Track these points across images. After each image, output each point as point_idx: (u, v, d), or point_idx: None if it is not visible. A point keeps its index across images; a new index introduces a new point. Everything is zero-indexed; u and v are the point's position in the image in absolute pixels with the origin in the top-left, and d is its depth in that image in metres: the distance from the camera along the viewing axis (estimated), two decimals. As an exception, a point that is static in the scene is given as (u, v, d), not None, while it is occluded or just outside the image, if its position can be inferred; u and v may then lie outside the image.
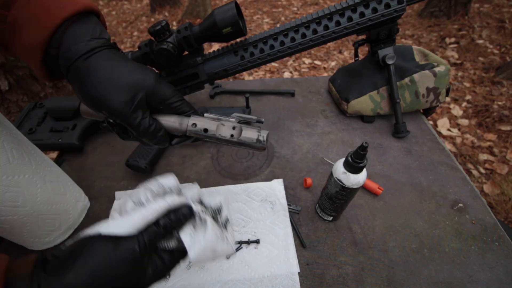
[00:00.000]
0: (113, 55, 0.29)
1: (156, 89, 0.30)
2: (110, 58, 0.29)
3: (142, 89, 0.29)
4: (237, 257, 0.44)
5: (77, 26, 0.28)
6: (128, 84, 0.28)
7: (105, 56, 0.29)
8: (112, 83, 0.28)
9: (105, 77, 0.28)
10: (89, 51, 0.28)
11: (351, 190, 0.40)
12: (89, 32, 0.29)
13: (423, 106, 0.64)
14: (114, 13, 3.69)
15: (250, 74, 2.06)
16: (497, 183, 1.22)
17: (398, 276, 0.42)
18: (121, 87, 0.28)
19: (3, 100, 1.25)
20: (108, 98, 0.28)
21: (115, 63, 0.29)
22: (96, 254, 0.23)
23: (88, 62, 0.28)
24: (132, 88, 0.28)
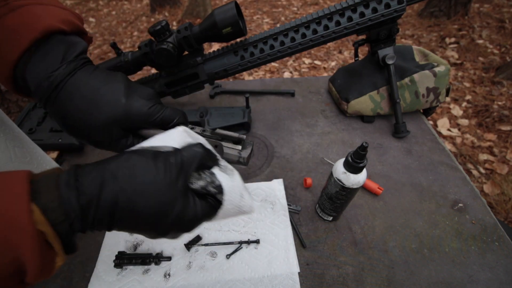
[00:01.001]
0: (77, 87, 0.28)
1: (128, 114, 0.28)
2: (74, 94, 0.27)
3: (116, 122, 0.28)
4: (237, 257, 0.44)
5: (36, 59, 0.27)
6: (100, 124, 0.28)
7: (68, 97, 0.27)
8: (85, 129, 0.28)
9: (76, 124, 0.28)
10: (53, 90, 0.27)
11: (351, 190, 0.40)
12: (49, 64, 0.27)
13: (423, 106, 0.64)
14: (114, 13, 3.69)
15: (250, 74, 2.06)
16: (497, 183, 1.22)
17: (398, 276, 0.42)
18: (95, 129, 0.28)
19: (3, 100, 1.25)
20: (88, 140, 0.29)
21: (83, 98, 0.27)
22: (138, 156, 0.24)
23: (56, 103, 0.28)
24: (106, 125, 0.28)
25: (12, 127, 0.38)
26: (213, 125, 0.61)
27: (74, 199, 0.20)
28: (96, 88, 0.28)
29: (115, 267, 0.42)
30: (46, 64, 0.27)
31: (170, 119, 0.30)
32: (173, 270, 0.42)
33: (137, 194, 0.22)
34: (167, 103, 0.72)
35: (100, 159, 0.24)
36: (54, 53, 0.27)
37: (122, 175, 0.22)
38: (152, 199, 0.23)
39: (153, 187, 0.23)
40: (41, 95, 0.27)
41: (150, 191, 0.23)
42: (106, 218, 0.22)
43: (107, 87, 0.28)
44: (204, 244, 0.45)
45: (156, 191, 0.23)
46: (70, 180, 0.21)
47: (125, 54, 0.55)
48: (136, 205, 0.22)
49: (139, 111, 0.29)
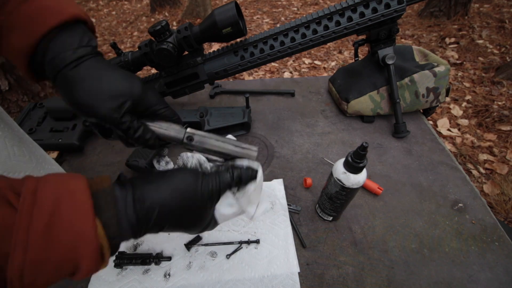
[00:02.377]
0: (100, 64, 0.30)
1: (142, 96, 0.31)
2: (97, 67, 0.29)
3: (130, 97, 0.30)
4: (237, 257, 0.44)
5: (64, 35, 0.29)
6: (117, 92, 0.29)
7: (92, 65, 0.29)
8: (101, 91, 0.29)
9: (93, 86, 0.29)
10: (76, 60, 0.28)
11: (351, 190, 0.40)
12: (76, 41, 0.29)
13: (423, 106, 0.64)
14: (114, 13, 3.69)
15: (250, 74, 2.06)
16: (497, 183, 1.22)
17: (398, 276, 0.42)
18: (110, 95, 0.29)
19: (3, 100, 1.25)
20: (97, 106, 0.29)
21: (103, 72, 0.29)
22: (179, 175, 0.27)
23: (75, 70, 0.28)
24: (120, 95, 0.29)
25: (11, 126, 0.38)
26: (213, 125, 0.61)
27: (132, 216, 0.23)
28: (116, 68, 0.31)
29: (115, 267, 0.42)
30: (74, 40, 0.29)
31: (170, 116, 0.34)
32: (173, 270, 0.42)
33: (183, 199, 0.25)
34: (167, 103, 0.72)
35: (100, 159, 0.25)
36: (81, 35, 0.30)
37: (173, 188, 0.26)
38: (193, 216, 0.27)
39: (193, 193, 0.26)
40: (60, 61, 0.28)
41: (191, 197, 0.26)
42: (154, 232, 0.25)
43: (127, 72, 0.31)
44: (204, 244, 0.45)
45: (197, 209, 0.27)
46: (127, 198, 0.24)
47: (125, 54, 0.55)
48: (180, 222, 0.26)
49: (151, 97, 0.32)
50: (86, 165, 0.59)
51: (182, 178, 0.27)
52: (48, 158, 0.44)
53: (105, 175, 0.25)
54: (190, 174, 0.27)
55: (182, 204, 0.25)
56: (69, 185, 0.21)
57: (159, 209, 0.24)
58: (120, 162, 0.58)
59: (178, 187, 0.26)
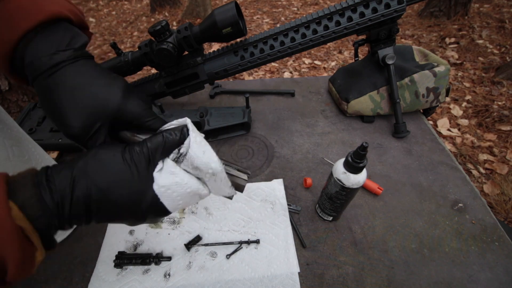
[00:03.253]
0: (77, 72, 0.27)
1: (122, 110, 0.28)
2: (73, 77, 0.27)
3: (101, 116, 0.27)
4: (237, 257, 0.44)
5: (41, 38, 0.26)
6: (87, 109, 0.27)
7: (68, 75, 0.27)
8: (70, 108, 0.26)
9: (64, 101, 0.26)
10: (51, 68, 0.26)
11: (351, 190, 0.40)
12: (54, 45, 0.27)
13: (423, 106, 0.64)
14: (114, 13, 3.69)
15: (250, 74, 2.06)
16: (497, 183, 1.22)
17: (398, 276, 0.42)
18: (79, 113, 0.26)
19: (3, 100, 1.25)
20: (66, 124, 0.27)
21: (78, 84, 0.27)
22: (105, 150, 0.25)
23: (49, 80, 0.26)
24: (91, 114, 0.27)
25: (10, 126, 0.38)
26: (213, 125, 0.61)
27: (48, 197, 0.21)
28: (95, 77, 0.28)
29: (115, 267, 0.42)
30: (51, 43, 0.27)
31: (157, 128, 0.30)
32: (173, 270, 0.42)
33: (108, 186, 0.23)
34: (167, 103, 0.72)
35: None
36: (60, 36, 0.27)
37: (92, 169, 0.23)
38: (123, 188, 0.24)
39: (123, 177, 0.24)
40: (35, 69, 0.26)
41: (120, 182, 0.24)
42: (82, 212, 0.23)
43: (107, 80, 0.28)
44: (204, 244, 0.45)
45: (126, 181, 0.24)
46: (42, 179, 0.22)
47: (125, 54, 0.55)
48: (109, 196, 0.24)
49: (133, 109, 0.29)
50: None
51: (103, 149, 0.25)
52: (48, 158, 0.44)
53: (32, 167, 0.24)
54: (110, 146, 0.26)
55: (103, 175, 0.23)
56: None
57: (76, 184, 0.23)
58: (120, 162, 0.58)
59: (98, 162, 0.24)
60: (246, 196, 0.51)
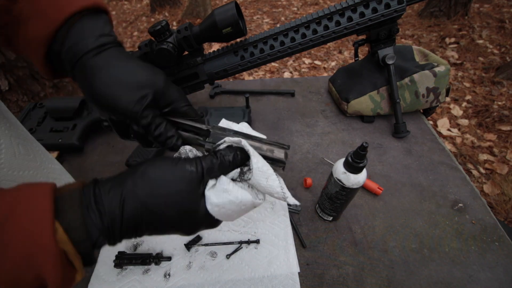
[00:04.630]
0: (122, 54, 0.29)
1: (165, 90, 0.29)
2: (119, 57, 0.28)
3: (152, 90, 0.28)
4: (237, 257, 0.44)
5: (86, 21, 0.27)
6: (139, 83, 0.27)
7: (114, 54, 0.28)
8: (122, 81, 0.27)
9: (114, 75, 0.27)
10: (98, 47, 0.27)
11: (351, 190, 0.40)
12: (98, 29, 0.28)
13: (423, 106, 0.64)
14: (114, 13, 3.69)
15: (250, 74, 2.06)
16: (497, 183, 1.22)
17: (398, 276, 0.42)
18: (131, 86, 0.27)
19: (3, 100, 1.25)
20: (117, 97, 0.27)
21: (125, 62, 0.28)
22: (154, 168, 0.24)
23: (96, 58, 0.27)
24: (142, 87, 0.27)
25: (16, 125, 0.39)
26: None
27: (97, 220, 0.21)
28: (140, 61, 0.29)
29: (115, 267, 0.42)
30: (96, 28, 0.28)
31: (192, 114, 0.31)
32: (173, 270, 0.42)
33: (159, 207, 0.23)
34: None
35: (100, 159, 0.24)
36: (102, 23, 0.29)
37: (141, 190, 0.22)
38: (173, 210, 0.23)
39: (173, 199, 0.23)
40: (81, 48, 0.27)
41: (171, 204, 0.23)
42: (132, 231, 0.23)
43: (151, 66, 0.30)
44: (204, 244, 0.45)
45: (177, 203, 0.23)
46: (90, 200, 0.21)
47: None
48: (159, 218, 0.23)
49: (173, 93, 0.30)
50: (86, 165, 0.59)
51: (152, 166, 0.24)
52: (51, 158, 0.44)
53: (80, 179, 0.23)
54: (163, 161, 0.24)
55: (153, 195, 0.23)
56: (30, 190, 0.20)
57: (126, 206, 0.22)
58: (120, 162, 0.58)
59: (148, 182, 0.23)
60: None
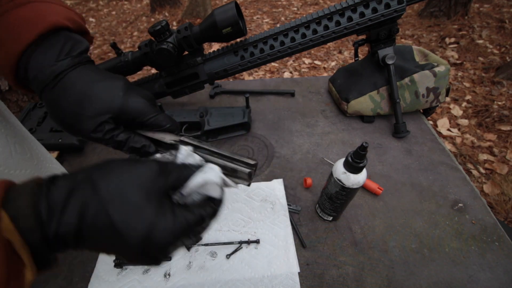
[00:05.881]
0: (79, 79, 0.28)
1: (124, 108, 0.29)
2: (75, 84, 0.28)
3: (109, 113, 0.28)
4: (237, 257, 0.44)
5: (41, 50, 0.27)
6: (94, 111, 0.28)
7: (70, 82, 0.28)
8: (80, 113, 0.28)
9: (72, 108, 0.28)
10: (54, 78, 0.27)
11: (351, 190, 0.40)
12: (54, 55, 0.28)
13: (423, 106, 0.64)
14: (114, 13, 3.69)
15: (250, 74, 2.06)
16: (497, 183, 1.22)
17: (398, 276, 0.42)
18: (88, 116, 0.28)
19: (3, 100, 1.25)
20: (79, 128, 0.28)
21: (81, 90, 0.28)
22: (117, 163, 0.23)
23: (54, 91, 0.28)
24: (98, 114, 0.28)
25: (14, 124, 0.38)
26: (213, 125, 0.61)
27: (44, 207, 0.19)
28: (96, 80, 0.29)
29: (115, 267, 0.42)
30: (51, 55, 0.28)
31: (161, 124, 0.30)
32: (173, 270, 0.42)
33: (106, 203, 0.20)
34: (167, 103, 0.72)
35: (100, 159, 0.24)
36: (59, 46, 0.28)
37: (96, 177, 0.21)
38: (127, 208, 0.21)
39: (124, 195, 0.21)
40: (40, 82, 0.28)
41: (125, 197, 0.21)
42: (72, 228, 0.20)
43: (107, 82, 0.29)
44: (204, 244, 0.45)
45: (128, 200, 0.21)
46: (43, 187, 0.20)
47: (125, 54, 0.55)
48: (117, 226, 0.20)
49: (135, 107, 0.29)
50: (86, 165, 0.59)
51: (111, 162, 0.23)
52: (49, 157, 0.44)
53: None
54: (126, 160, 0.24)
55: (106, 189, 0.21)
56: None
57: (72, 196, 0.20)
58: (120, 162, 0.58)
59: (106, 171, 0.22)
60: (246, 196, 0.51)
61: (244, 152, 0.61)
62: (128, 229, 0.20)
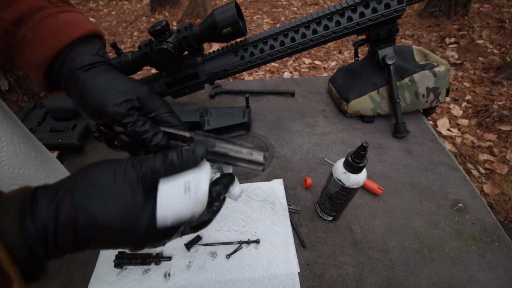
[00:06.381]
0: (111, 70, 0.33)
1: (148, 98, 0.32)
2: (108, 71, 0.32)
3: (135, 95, 0.31)
4: (237, 257, 0.44)
5: (83, 45, 0.32)
6: (123, 89, 0.31)
7: (104, 69, 0.32)
8: (108, 89, 0.31)
9: (102, 85, 0.31)
10: (90, 64, 0.31)
11: (351, 190, 0.40)
12: (93, 50, 0.33)
13: (423, 106, 0.64)
14: (114, 13, 3.69)
15: (250, 74, 2.06)
16: (497, 183, 1.22)
17: (398, 276, 0.42)
18: (117, 92, 0.30)
19: (3, 100, 1.25)
20: (103, 102, 0.30)
21: (113, 75, 0.32)
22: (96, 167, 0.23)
23: (87, 72, 0.31)
24: (126, 92, 0.31)
25: (17, 124, 0.39)
26: (213, 125, 0.61)
27: (29, 222, 0.19)
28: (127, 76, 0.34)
29: (115, 267, 0.42)
30: (91, 50, 0.32)
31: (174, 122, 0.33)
32: (173, 270, 0.42)
33: (97, 209, 0.21)
34: (167, 103, 0.72)
35: (100, 159, 0.24)
36: (98, 46, 0.34)
37: (80, 190, 0.21)
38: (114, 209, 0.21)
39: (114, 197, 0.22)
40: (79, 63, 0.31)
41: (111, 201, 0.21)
42: (69, 238, 0.21)
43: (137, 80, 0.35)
44: (204, 244, 0.45)
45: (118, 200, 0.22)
46: (26, 202, 0.20)
47: (125, 54, 0.55)
48: (98, 221, 0.21)
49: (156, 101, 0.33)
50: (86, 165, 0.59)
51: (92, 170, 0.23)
52: (51, 157, 0.44)
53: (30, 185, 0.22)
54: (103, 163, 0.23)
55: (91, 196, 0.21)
56: None
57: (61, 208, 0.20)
58: (120, 162, 0.58)
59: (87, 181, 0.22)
60: (246, 196, 0.51)
61: (244, 152, 0.61)
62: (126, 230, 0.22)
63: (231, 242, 0.45)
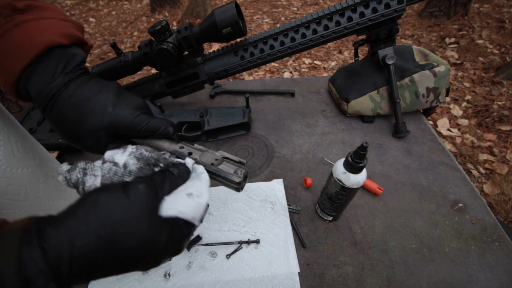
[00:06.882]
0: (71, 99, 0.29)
1: (114, 123, 0.29)
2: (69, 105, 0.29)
3: (103, 130, 0.29)
4: (237, 257, 0.44)
5: (37, 71, 0.29)
6: (90, 128, 0.29)
7: (64, 103, 0.29)
8: (78, 131, 0.30)
9: (70, 128, 0.30)
10: (50, 100, 0.29)
11: (351, 190, 0.40)
12: (49, 75, 0.29)
13: (423, 106, 0.64)
14: (114, 13, 3.69)
15: (250, 74, 2.06)
16: (497, 183, 1.22)
17: (398, 276, 0.42)
18: (85, 134, 0.30)
19: (3, 100, 1.25)
20: (81, 144, 0.31)
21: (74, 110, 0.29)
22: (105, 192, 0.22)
23: (52, 114, 0.30)
24: (94, 131, 0.29)
25: (15, 123, 0.39)
26: (213, 125, 0.61)
27: (40, 259, 0.18)
28: (86, 97, 0.30)
29: (115, 267, 0.42)
30: (46, 76, 0.29)
31: (155, 129, 0.31)
32: (173, 270, 0.42)
33: (116, 235, 0.21)
34: (167, 103, 0.72)
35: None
36: (53, 66, 0.29)
37: (94, 219, 0.20)
38: (134, 234, 0.21)
39: (131, 222, 0.21)
40: (39, 104, 0.30)
41: (129, 227, 0.21)
42: (84, 270, 0.20)
43: (97, 98, 0.30)
44: (204, 244, 0.45)
45: (136, 225, 0.22)
46: (32, 238, 0.18)
47: (125, 54, 0.55)
48: (118, 246, 0.21)
49: (125, 120, 0.30)
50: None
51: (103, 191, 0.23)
52: (50, 157, 0.44)
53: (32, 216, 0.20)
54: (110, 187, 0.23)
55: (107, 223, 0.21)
56: None
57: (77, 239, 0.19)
58: (120, 162, 0.58)
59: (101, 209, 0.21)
60: (246, 196, 0.51)
61: (244, 152, 0.61)
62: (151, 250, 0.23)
63: (231, 242, 0.45)
